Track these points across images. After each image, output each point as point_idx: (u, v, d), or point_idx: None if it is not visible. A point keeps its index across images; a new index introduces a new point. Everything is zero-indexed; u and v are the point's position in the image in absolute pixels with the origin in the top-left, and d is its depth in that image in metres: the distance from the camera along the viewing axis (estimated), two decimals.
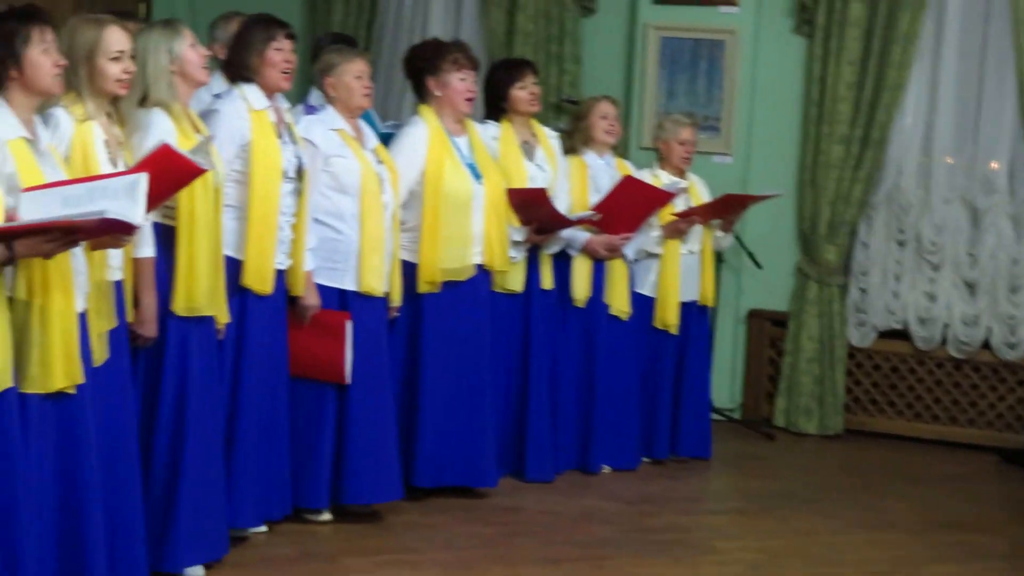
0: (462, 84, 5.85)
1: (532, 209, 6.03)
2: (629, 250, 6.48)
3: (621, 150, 7.16)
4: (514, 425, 6.25)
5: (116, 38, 4.24)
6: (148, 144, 4.39)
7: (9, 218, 3.61)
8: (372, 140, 5.58)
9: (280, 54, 5.08)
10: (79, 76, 4.19)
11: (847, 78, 7.50)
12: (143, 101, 4.53)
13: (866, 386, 7.81)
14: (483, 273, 5.92)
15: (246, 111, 5.01)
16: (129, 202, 3.62)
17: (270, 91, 5.10)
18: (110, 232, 3.78)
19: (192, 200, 4.51)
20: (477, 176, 5.84)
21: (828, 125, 7.56)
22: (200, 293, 4.56)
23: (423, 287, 5.72)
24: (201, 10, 8.04)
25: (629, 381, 6.58)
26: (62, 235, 3.60)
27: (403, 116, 7.44)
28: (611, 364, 6.50)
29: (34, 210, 3.63)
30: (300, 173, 5.13)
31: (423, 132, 5.79)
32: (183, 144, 4.42)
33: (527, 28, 7.87)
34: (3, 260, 3.58)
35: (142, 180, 3.68)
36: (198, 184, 4.47)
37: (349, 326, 5.29)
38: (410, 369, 5.79)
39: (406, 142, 5.77)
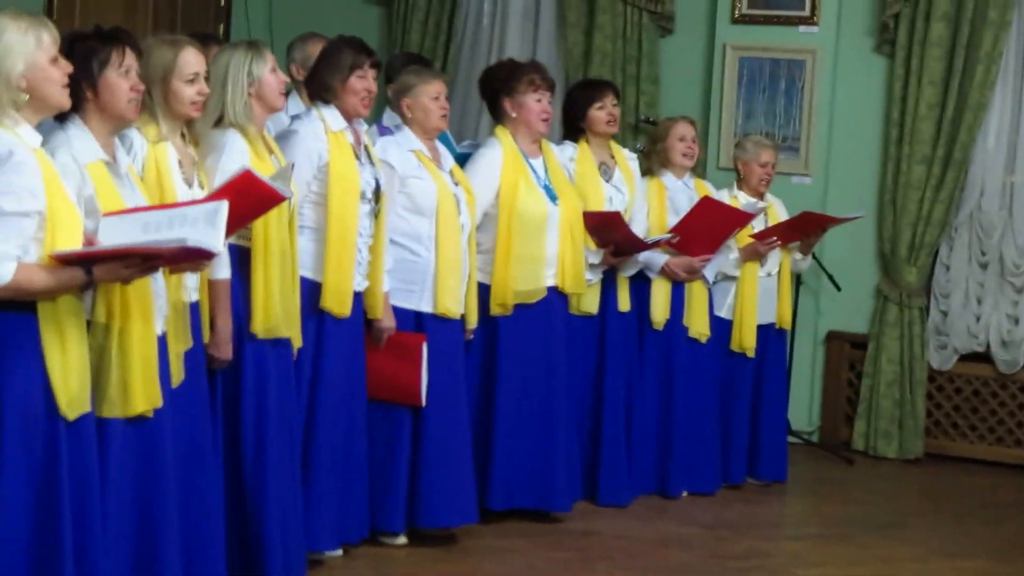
0: (538, 105, 5.82)
1: (608, 232, 5.99)
2: (709, 272, 6.42)
3: (699, 170, 7.11)
4: (588, 448, 6.20)
5: (191, 60, 4.24)
6: (222, 165, 4.40)
7: (88, 242, 3.61)
8: (449, 161, 5.56)
9: (363, 82, 5.06)
10: (153, 98, 4.18)
11: (929, 98, 7.41)
12: (219, 121, 4.54)
13: (947, 409, 7.70)
14: (558, 295, 5.88)
15: (324, 132, 4.99)
16: (209, 229, 3.61)
17: (348, 116, 5.09)
18: (189, 259, 3.78)
19: (266, 222, 4.50)
20: (553, 198, 5.81)
21: (909, 145, 7.47)
22: (277, 314, 4.55)
23: (495, 309, 5.70)
24: (279, 30, 8.09)
25: (707, 404, 6.52)
26: (141, 261, 3.59)
27: (479, 137, 7.44)
28: (689, 387, 6.44)
29: (114, 235, 3.63)
30: (378, 194, 5.12)
31: (498, 153, 5.77)
32: (256, 166, 4.41)
33: (604, 48, 7.84)
34: (82, 285, 3.57)
35: (222, 208, 3.66)
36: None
37: (425, 348, 5.27)
38: (485, 391, 5.75)
39: (481, 163, 5.75)
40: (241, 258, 4.55)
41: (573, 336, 6.02)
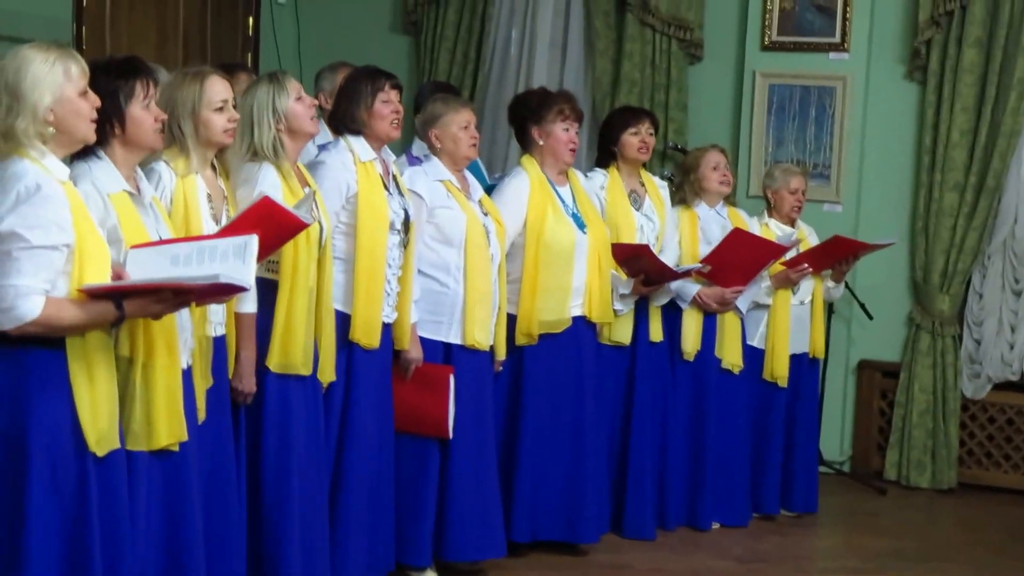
0: (565, 135, 5.79)
1: (638, 262, 5.94)
2: (742, 303, 6.36)
3: (730, 198, 7.05)
4: (615, 479, 6.14)
5: (218, 88, 4.23)
6: (255, 197, 4.37)
7: (117, 275, 3.58)
8: (478, 191, 5.53)
9: (388, 105, 5.03)
10: (184, 130, 4.18)
11: (961, 125, 7.35)
12: (253, 155, 4.54)
13: (980, 439, 7.62)
14: (586, 325, 5.83)
15: (352, 163, 4.96)
16: (240, 263, 3.60)
17: (380, 141, 5.06)
18: (219, 294, 3.77)
19: (296, 255, 4.48)
20: (581, 226, 5.77)
21: (941, 172, 7.41)
22: (296, 351, 4.53)
23: (520, 339, 5.66)
24: (308, 59, 8.10)
25: (739, 435, 6.46)
26: (172, 296, 3.57)
27: (508, 166, 7.41)
28: (721, 418, 6.38)
29: (142, 268, 3.61)
30: (407, 225, 5.09)
31: (525, 182, 5.74)
32: (289, 201, 4.40)
33: (633, 76, 7.81)
34: (114, 320, 3.54)
35: (252, 242, 3.65)
36: (301, 238, 4.45)
37: (452, 380, 5.23)
38: (510, 421, 5.71)
39: (508, 192, 5.72)
40: (267, 290, 4.52)
41: (603, 366, 5.98)
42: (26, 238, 3.39)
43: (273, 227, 4.13)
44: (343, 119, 5.05)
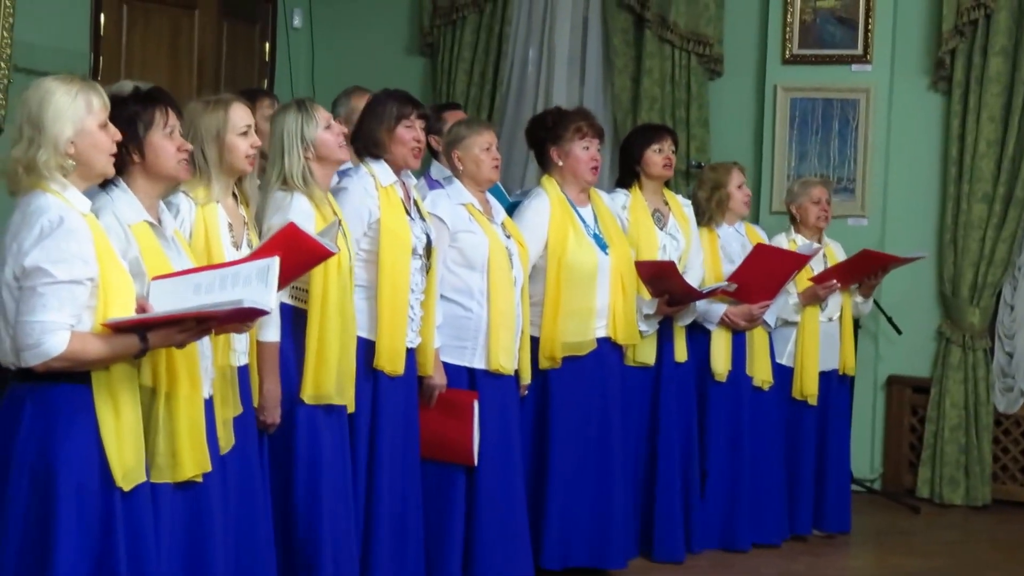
0: (585, 153, 5.70)
1: (663, 281, 5.85)
2: (769, 317, 6.28)
3: (751, 215, 6.98)
4: (643, 502, 6.05)
5: (242, 114, 4.23)
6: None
7: (140, 308, 3.56)
8: (500, 214, 5.46)
9: (411, 132, 4.98)
10: (207, 156, 4.16)
11: (988, 135, 7.29)
12: (283, 184, 4.52)
13: (1014, 454, 7.54)
14: (612, 347, 5.74)
15: (374, 188, 4.91)
16: (262, 287, 3.56)
17: (399, 168, 5.01)
18: (241, 319, 3.74)
19: (325, 284, 4.45)
20: (603, 246, 5.68)
21: (969, 184, 7.34)
22: (330, 381, 4.49)
23: (543, 362, 5.58)
24: (322, 83, 8.06)
25: (773, 455, 6.37)
26: (196, 324, 3.54)
27: (526, 186, 7.35)
28: (755, 438, 6.29)
29: (165, 299, 3.58)
30: (428, 250, 5.03)
31: (545, 204, 5.66)
32: (322, 229, 4.36)
33: (653, 93, 7.74)
34: (137, 352, 3.51)
35: (274, 265, 3.61)
36: (332, 267, 4.42)
37: (476, 406, 5.15)
38: (537, 446, 5.63)
39: (528, 214, 5.64)
40: (295, 319, 4.48)
41: (629, 388, 5.89)
42: (51, 273, 3.38)
43: (298, 254, 4.09)
44: (364, 139, 4.99)
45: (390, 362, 4.86)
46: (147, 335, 3.49)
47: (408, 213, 4.98)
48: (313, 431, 4.52)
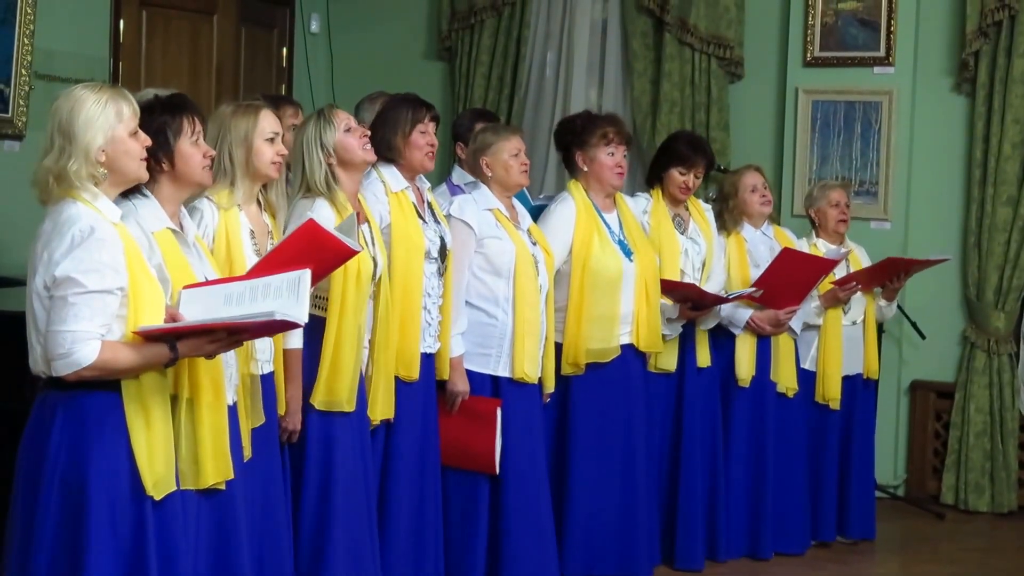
0: (610, 159, 5.65)
1: (686, 294, 5.80)
2: (795, 323, 6.22)
3: (774, 217, 6.92)
4: (666, 509, 6.00)
5: (271, 121, 4.26)
6: None
7: (170, 317, 3.55)
8: (526, 220, 5.43)
9: (425, 136, 4.98)
10: (234, 160, 4.17)
11: (1013, 137, 7.22)
12: (307, 191, 4.52)
13: None
14: (635, 353, 5.68)
15: (384, 193, 4.91)
16: (293, 300, 3.53)
17: (414, 172, 4.99)
18: (272, 330, 3.74)
19: (344, 291, 4.44)
20: (628, 253, 5.63)
21: (993, 187, 7.26)
22: (342, 388, 4.48)
23: (566, 369, 5.53)
24: (341, 89, 8.03)
25: (797, 461, 6.31)
26: (227, 335, 3.54)
27: (545, 190, 7.31)
28: (780, 444, 6.23)
29: (195, 308, 3.57)
30: (443, 253, 5.00)
31: (571, 209, 5.61)
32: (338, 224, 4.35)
33: (673, 96, 7.69)
34: (167, 362, 3.51)
35: (305, 277, 3.59)
36: (351, 276, 4.41)
37: (500, 414, 5.12)
38: (559, 454, 5.58)
39: (553, 220, 5.60)
40: (314, 326, 4.41)
41: (652, 395, 5.84)
42: (82, 283, 3.39)
43: (319, 252, 4.04)
44: (378, 145, 4.94)
45: (405, 367, 4.85)
46: (177, 344, 3.49)
47: (421, 217, 4.95)
48: (327, 440, 4.50)
